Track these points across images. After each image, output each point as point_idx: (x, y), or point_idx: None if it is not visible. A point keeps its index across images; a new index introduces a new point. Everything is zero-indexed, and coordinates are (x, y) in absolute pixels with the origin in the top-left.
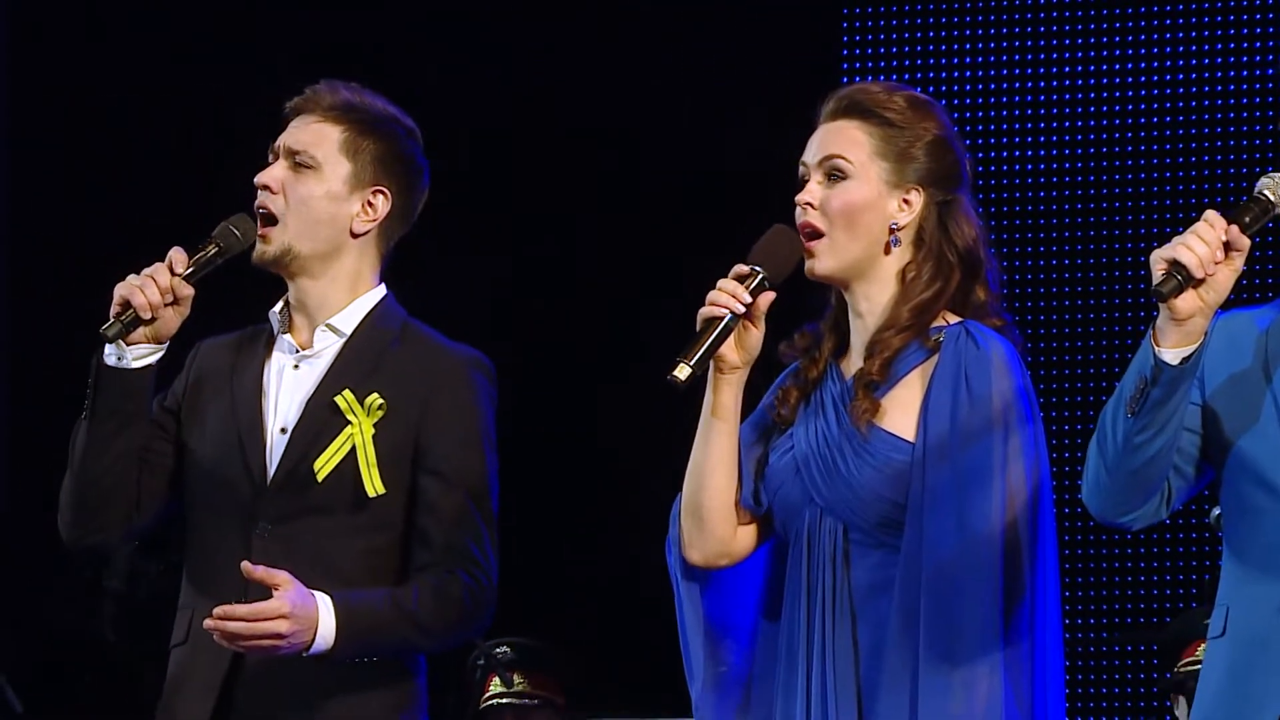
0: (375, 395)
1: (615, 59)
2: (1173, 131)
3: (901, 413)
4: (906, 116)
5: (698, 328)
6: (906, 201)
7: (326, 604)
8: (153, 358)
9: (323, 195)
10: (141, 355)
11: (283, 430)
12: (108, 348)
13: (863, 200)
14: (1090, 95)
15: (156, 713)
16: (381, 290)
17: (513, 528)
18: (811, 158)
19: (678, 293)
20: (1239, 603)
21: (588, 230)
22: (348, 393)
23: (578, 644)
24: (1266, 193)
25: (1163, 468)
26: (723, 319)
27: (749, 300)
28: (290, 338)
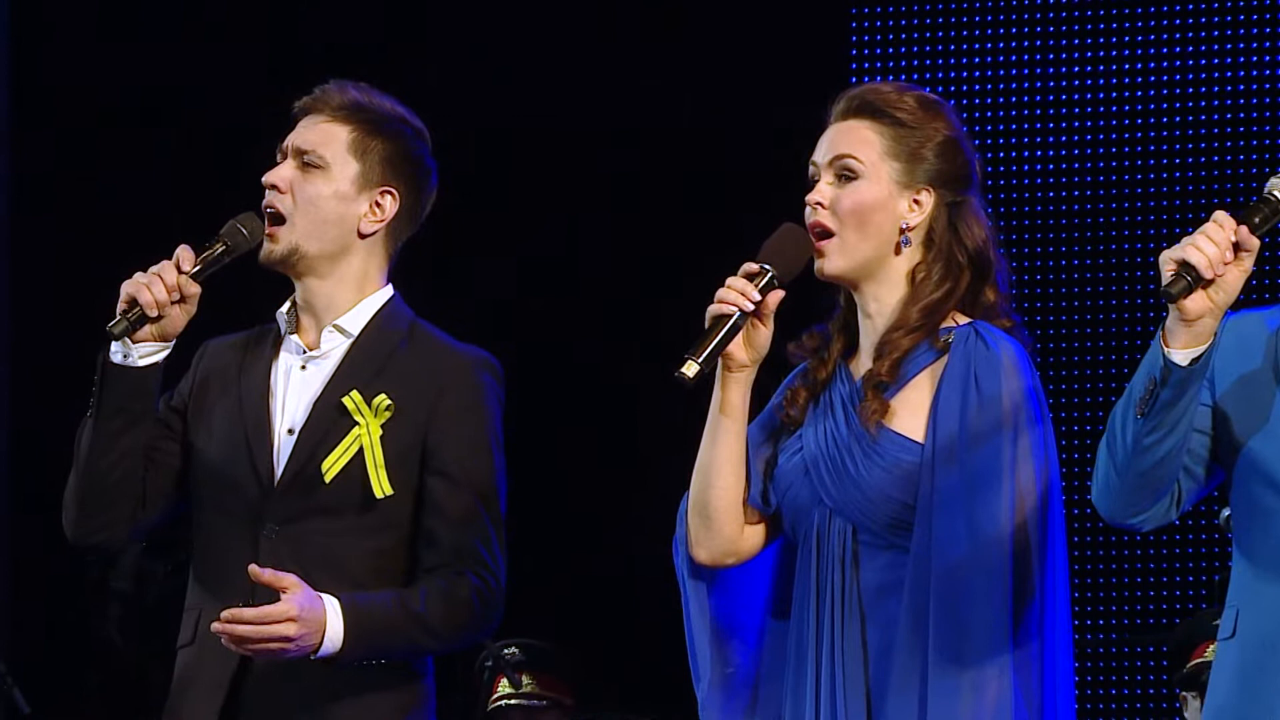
0: (383, 396)
1: (619, 59)
2: (1182, 132)
3: (910, 414)
4: (917, 117)
5: (706, 325)
6: (917, 202)
7: (334, 606)
8: (159, 356)
9: (330, 195)
10: (147, 353)
11: (290, 431)
12: (114, 345)
13: (874, 200)
14: (1099, 95)
15: (163, 714)
16: (389, 291)
17: (516, 528)
18: (822, 157)
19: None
20: (1249, 604)
21: (590, 230)
22: (355, 394)
23: (581, 644)
24: (1276, 193)
25: (1172, 469)
26: (731, 317)
27: (758, 298)
28: (297, 338)
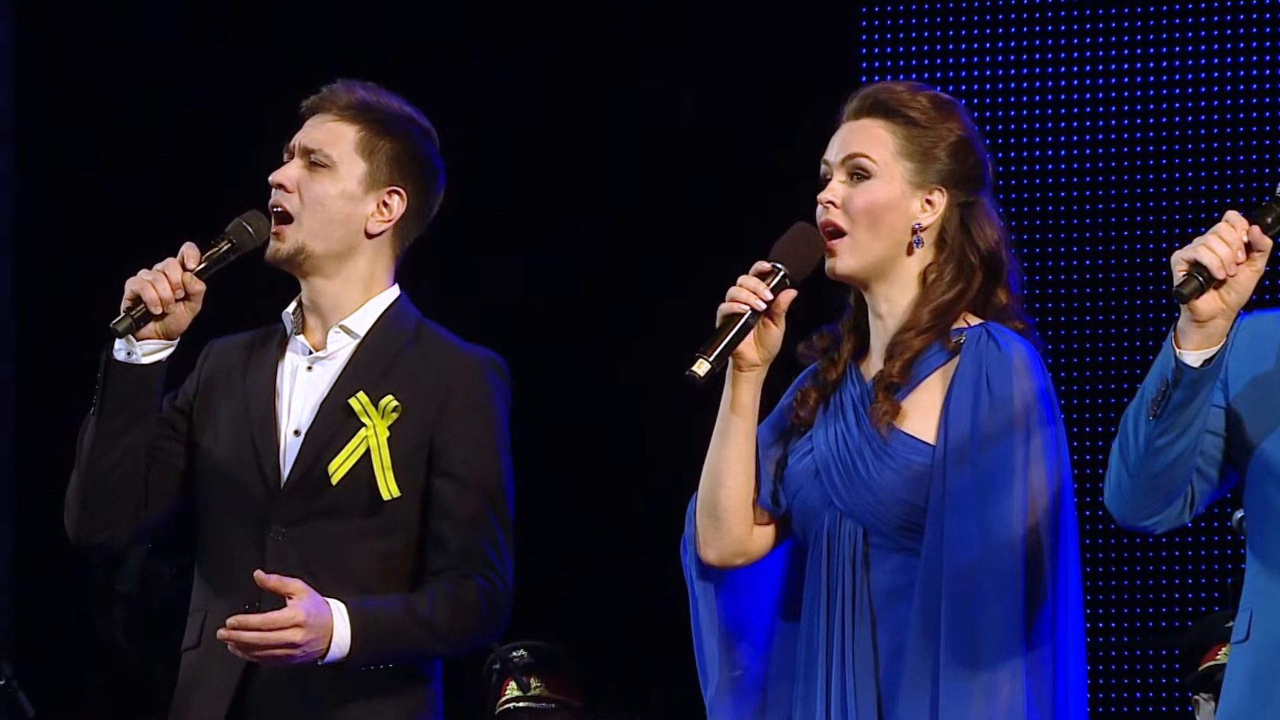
0: (390, 397)
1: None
2: (1194, 131)
3: (921, 415)
4: (930, 116)
5: (717, 324)
6: (929, 202)
7: (341, 612)
8: (163, 354)
9: (338, 195)
10: (151, 351)
11: (296, 432)
12: (117, 343)
13: (886, 200)
14: (1111, 95)
15: (168, 717)
16: (395, 291)
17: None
18: (834, 156)
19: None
20: (1263, 607)
21: (590, 230)
22: (362, 395)
23: (581, 644)
24: None
25: (1185, 471)
26: (743, 316)
27: (770, 297)
28: (303, 339)
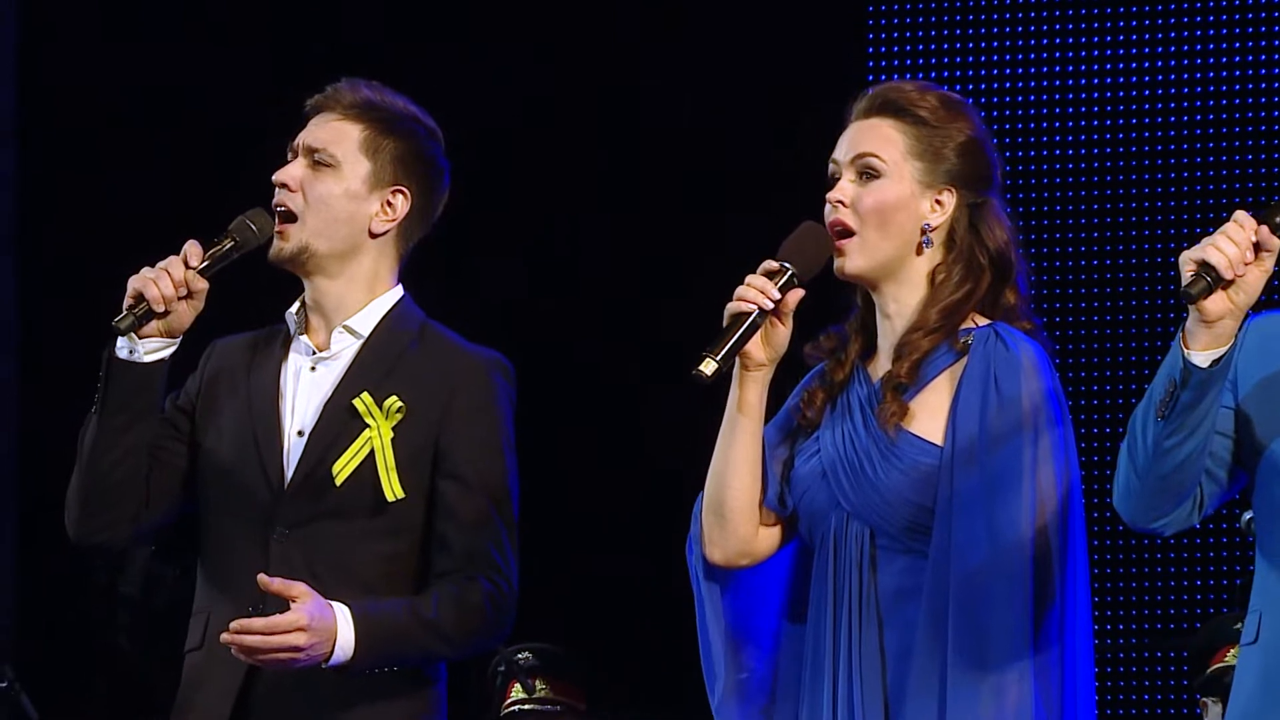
0: (394, 398)
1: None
2: (1203, 131)
3: (929, 416)
4: (940, 116)
5: (724, 323)
6: (939, 202)
7: (345, 615)
8: (165, 352)
9: (341, 194)
10: (154, 349)
11: (300, 433)
12: (120, 341)
13: (896, 199)
14: (1119, 94)
15: (170, 718)
16: (399, 291)
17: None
18: (843, 155)
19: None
20: (1272, 609)
21: (590, 230)
22: (366, 395)
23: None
24: None
25: (1194, 472)
26: (750, 315)
27: (778, 297)
28: (307, 339)
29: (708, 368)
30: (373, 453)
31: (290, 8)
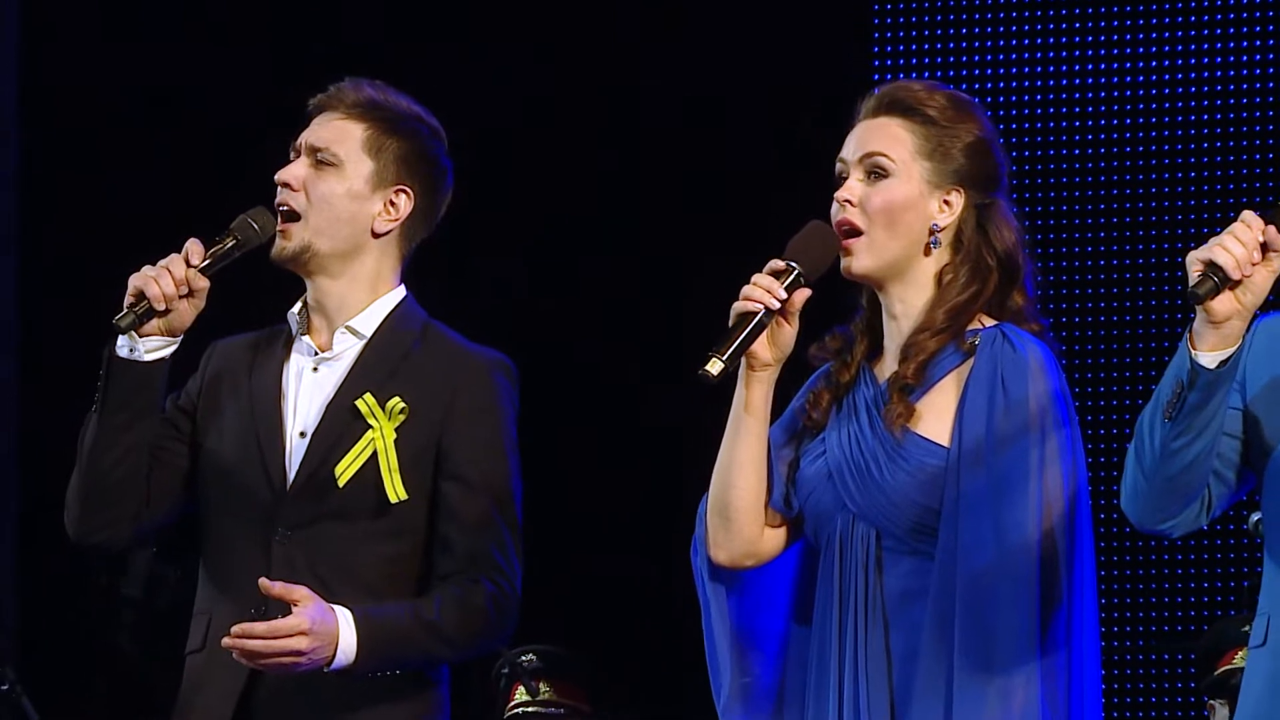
0: (397, 399)
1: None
2: (1210, 131)
3: (936, 417)
4: (948, 115)
5: (730, 323)
6: (947, 202)
7: (347, 618)
8: (166, 351)
9: (344, 193)
10: (154, 348)
11: (302, 434)
12: (120, 339)
13: (904, 199)
14: (1126, 94)
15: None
16: (401, 291)
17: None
18: (851, 154)
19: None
20: None
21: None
22: (369, 396)
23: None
24: None
25: (1201, 473)
26: (757, 314)
27: (784, 296)
28: (309, 339)
29: (714, 367)
30: (375, 454)
31: (290, 8)
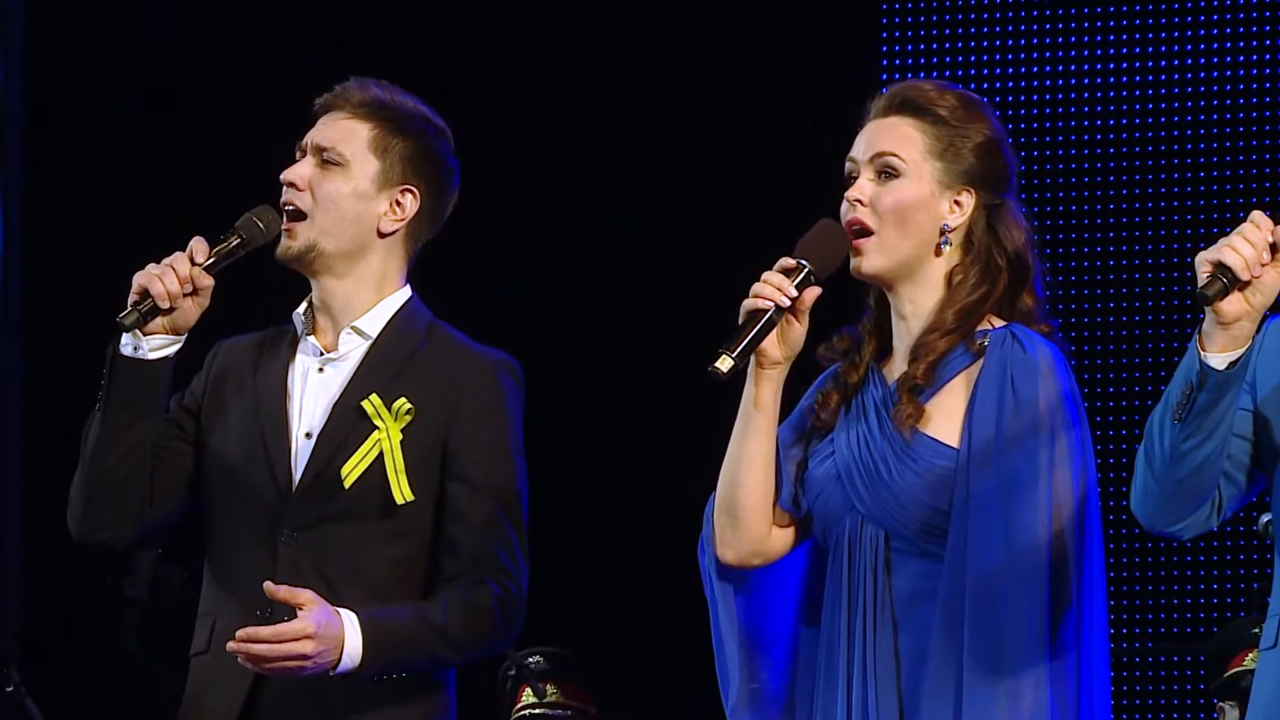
0: (403, 400)
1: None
2: (1219, 131)
3: (945, 418)
4: (959, 115)
5: (740, 320)
6: (958, 203)
7: (353, 622)
8: (170, 349)
9: (350, 193)
10: (158, 346)
11: (308, 435)
12: (124, 337)
13: (915, 199)
14: (1134, 94)
15: None
16: (407, 292)
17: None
18: (861, 154)
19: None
20: None
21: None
22: (375, 397)
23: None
24: None
25: (1211, 475)
26: (767, 312)
27: (794, 294)
28: (314, 340)
29: (724, 364)
30: (382, 455)
31: (290, 8)
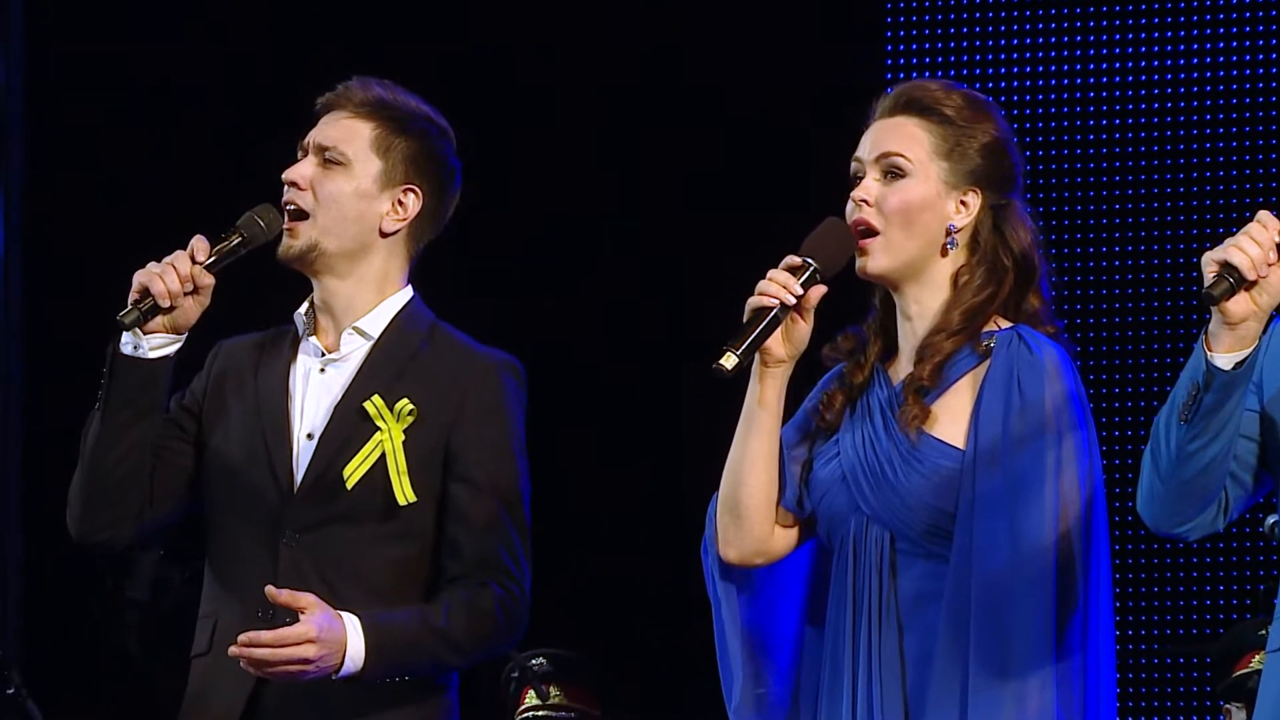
0: (405, 401)
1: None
2: (1225, 131)
3: (951, 419)
4: (965, 115)
5: (745, 318)
6: (964, 203)
7: (355, 625)
8: (170, 348)
9: (352, 192)
10: (159, 345)
11: (309, 436)
12: (124, 336)
13: (921, 199)
14: (1141, 94)
15: None
16: (409, 292)
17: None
18: (867, 154)
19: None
20: None
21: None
22: (377, 398)
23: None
24: None
25: (1218, 476)
26: (772, 310)
27: (800, 292)
28: (316, 340)
29: (728, 362)
30: (384, 456)
31: (290, 8)
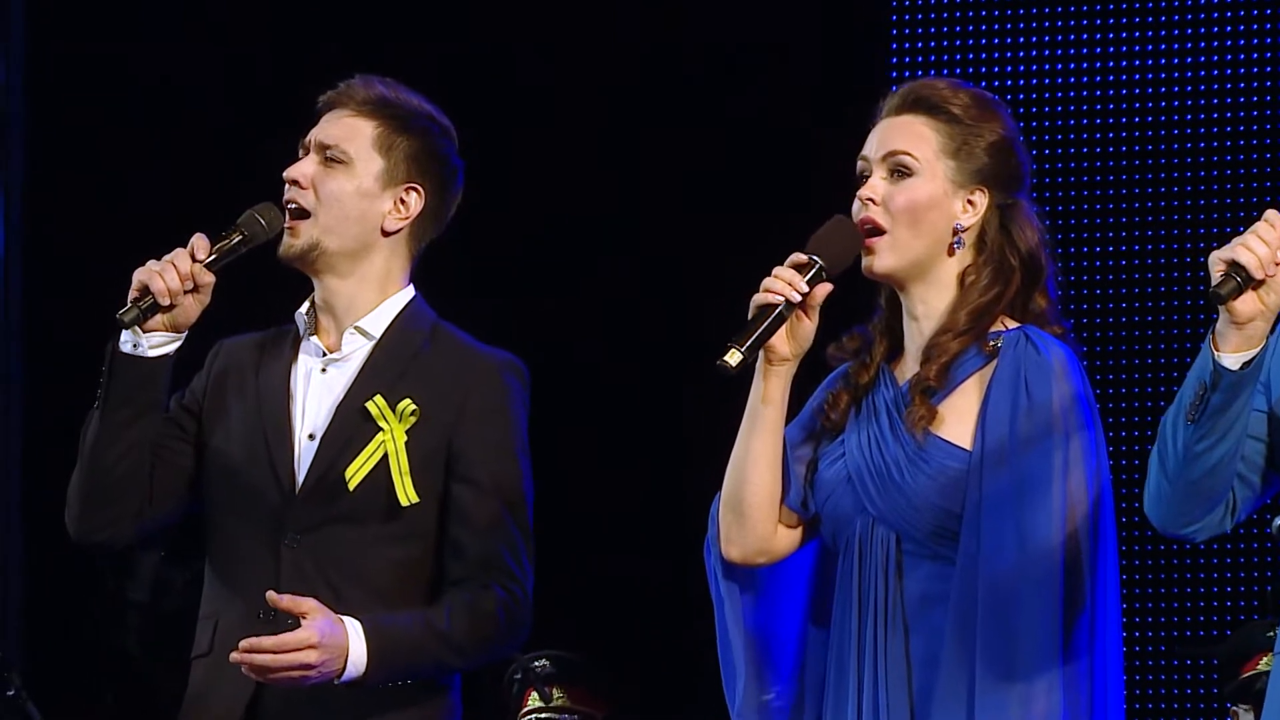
0: (407, 401)
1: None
2: (1233, 130)
3: (958, 420)
4: (972, 114)
5: (750, 315)
6: (971, 202)
7: (356, 630)
8: (170, 347)
9: (353, 191)
10: (158, 343)
11: (311, 436)
12: (124, 334)
13: (928, 198)
14: (1147, 93)
15: None
16: (410, 291)
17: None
18: (873, 152)
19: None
20: None
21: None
22: (379, 398)
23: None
24: None
25: (1225, 477)
26: (777, 307)
27: (805, 290)
28: (317, 340)
29: (733, 359)
30: (386, 456)
31: (290, 7)
